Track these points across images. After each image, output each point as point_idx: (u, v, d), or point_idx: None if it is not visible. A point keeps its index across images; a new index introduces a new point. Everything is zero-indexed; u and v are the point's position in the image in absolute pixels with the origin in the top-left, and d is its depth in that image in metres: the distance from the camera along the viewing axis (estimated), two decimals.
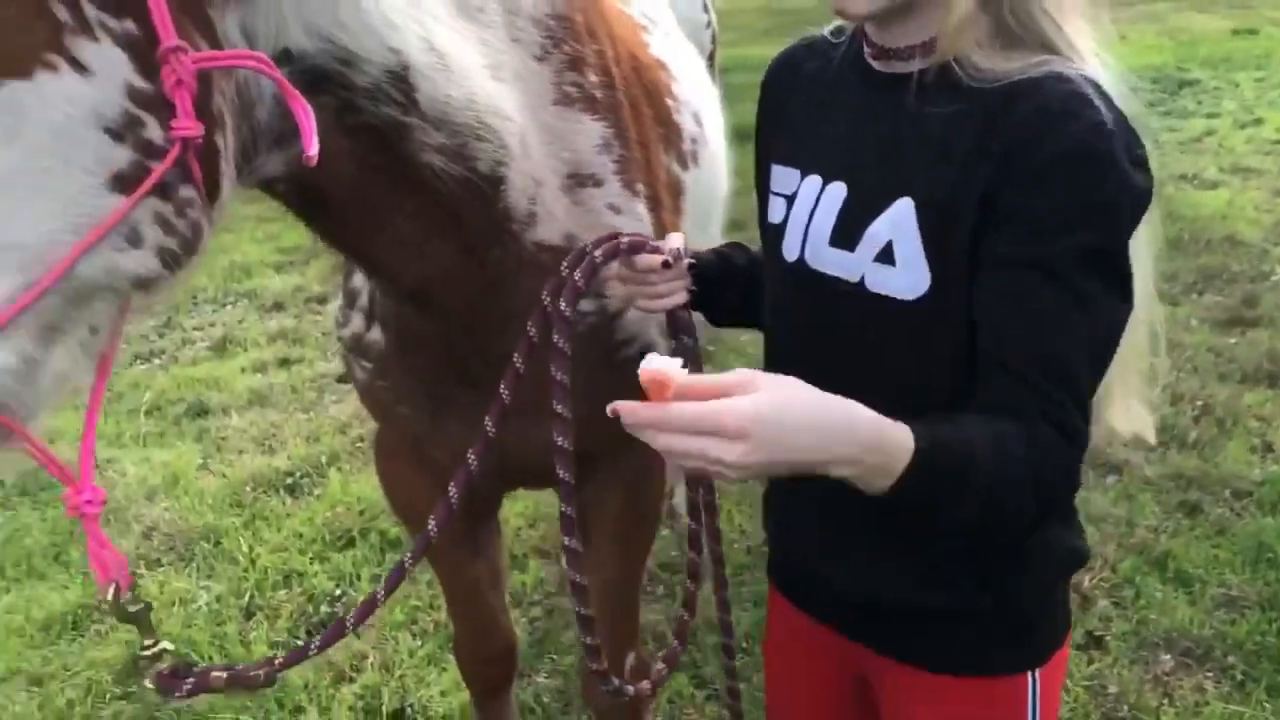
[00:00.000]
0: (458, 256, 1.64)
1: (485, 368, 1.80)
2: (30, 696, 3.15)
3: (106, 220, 1.09)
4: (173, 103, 1.11)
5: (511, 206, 1.67)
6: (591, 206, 1.83)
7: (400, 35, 1.42)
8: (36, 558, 3.87)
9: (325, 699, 3.08)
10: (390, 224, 1.55)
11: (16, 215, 1.05)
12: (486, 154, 1.58)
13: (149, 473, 4.42)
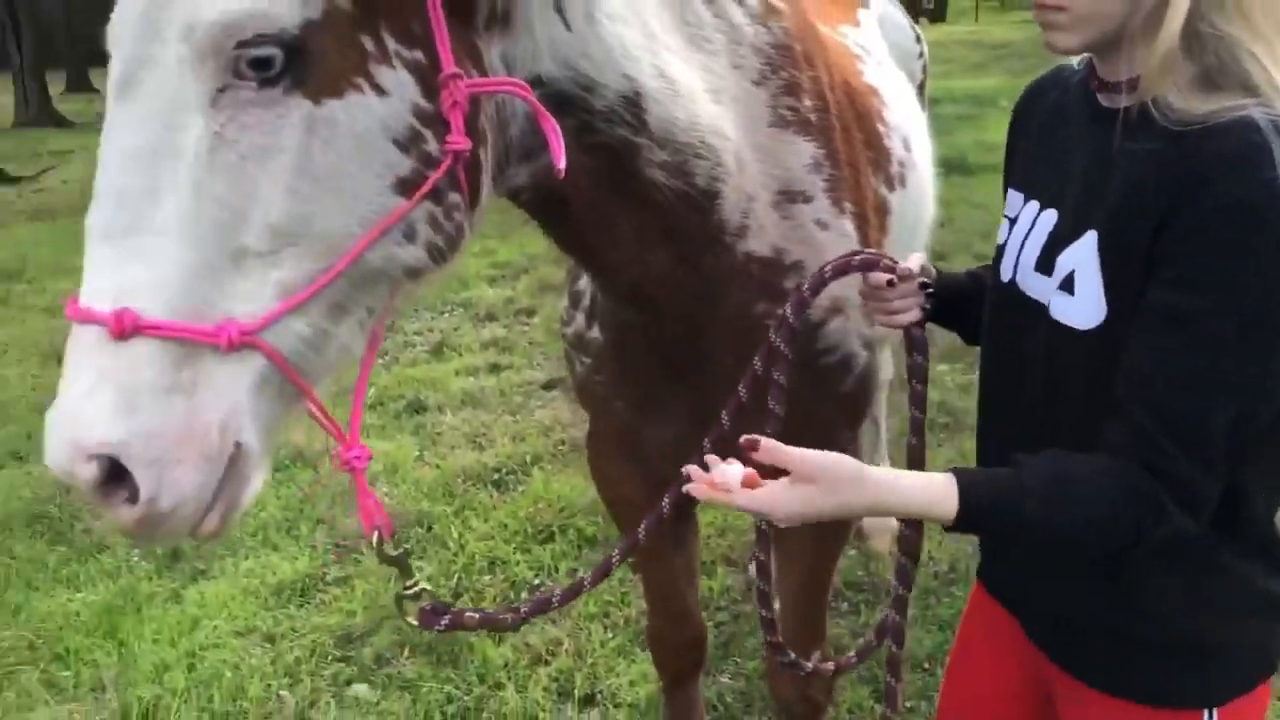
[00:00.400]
0: (672, 262, 1.80)
1: (692, 367, 1.95)
2: (264, 652, 3.49)
3: (390, 218, 1.30)
4: (448, 121, 1.33)
5: (725, 219, 1.82)
6: (800, 221, 1.95)
7: (636, 65, 1.61)
8: (271, 529, 4.27)
9: (522, 678, 3.29)
10: (614, 230, 1.72)
11: (323, 210, 1.26)
12: (704, 170, 1.74)
13: (371, 461, 4.78)
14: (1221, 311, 1.22)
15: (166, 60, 1.21)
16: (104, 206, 1.20)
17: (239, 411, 1.22)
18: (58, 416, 1.17)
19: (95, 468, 1.14)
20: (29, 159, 15.78)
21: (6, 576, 4.02)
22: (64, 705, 3.27)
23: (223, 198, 1.21)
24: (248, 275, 1.22)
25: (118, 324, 1.15)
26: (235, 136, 1.21)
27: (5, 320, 7.44)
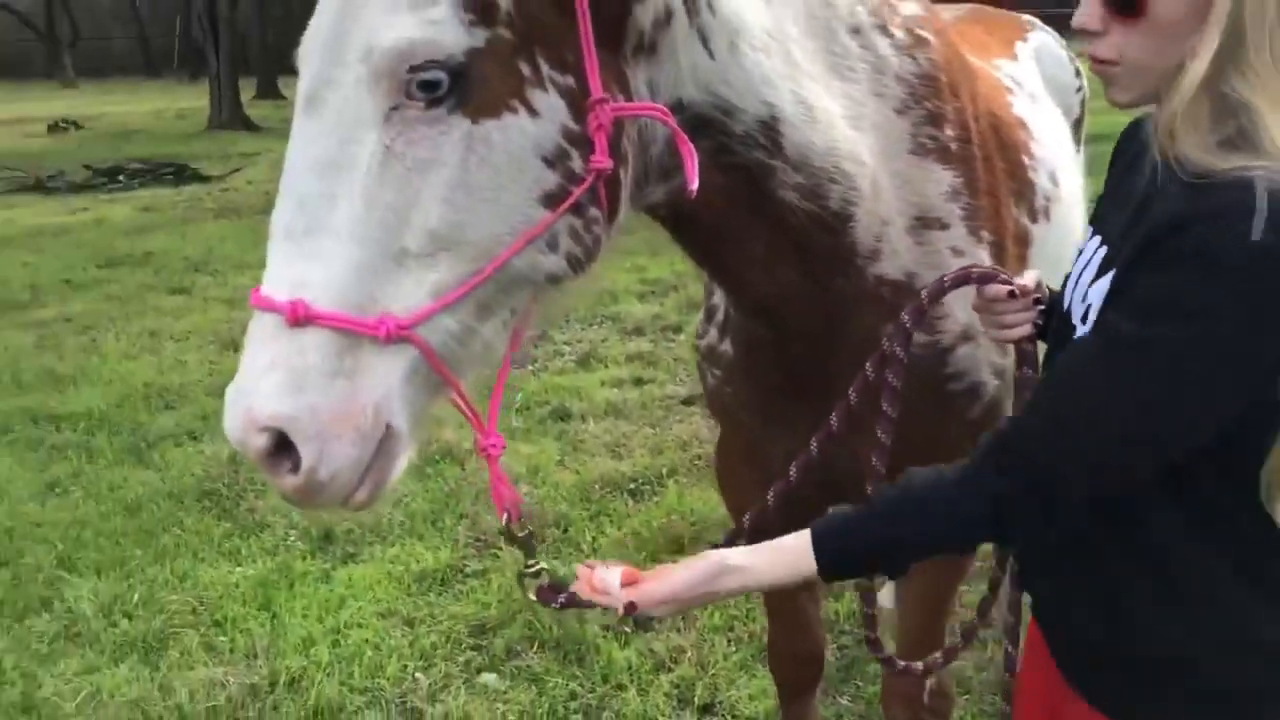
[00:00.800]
0: (801, 280, 1.86)
1: (817, 386, 2.00)
2: (403, 634, 3.68)
3: (536, 228, 1.43)
4: (593, 141, 1.45)
5: (857, 241, 1.88)
6: (934, 248, 1.99)
7: (775, 92, 1.69)
8: (418, 520, 4.48)
9: (644, 682, 3.38)
10: (745, 246, 1.80)
11: (476, 218, 1.39)
12: (837, 194, 1.81)
13: (514, 462, 4.96)
14: (1147, 344, 1.25)
15: (346, 80, 1.35)
16: (287, 208, 1.35)
17: (391, 397, 1.35)
18: (235, 392, 1.33)
19: (265, 439, 1.29)
20: (219, 160, 16.79)
21: (176, 546, 4.34)
22: (219, 667, 3.51)
23: (389, 205, 1.34)
24: (406, 275, 1.35)
25: (293, 312, 1.29)
26: (403, 150, 1.35)
27: (189, 309, 7.97)
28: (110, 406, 5.91)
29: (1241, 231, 1.18)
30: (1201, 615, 1.37)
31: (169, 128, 22.39)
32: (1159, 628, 1.40)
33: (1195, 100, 1.26)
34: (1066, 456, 1.30)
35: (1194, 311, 1.22)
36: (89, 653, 3.63)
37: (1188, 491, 1.34)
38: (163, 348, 7.03)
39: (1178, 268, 1.23)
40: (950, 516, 1.37)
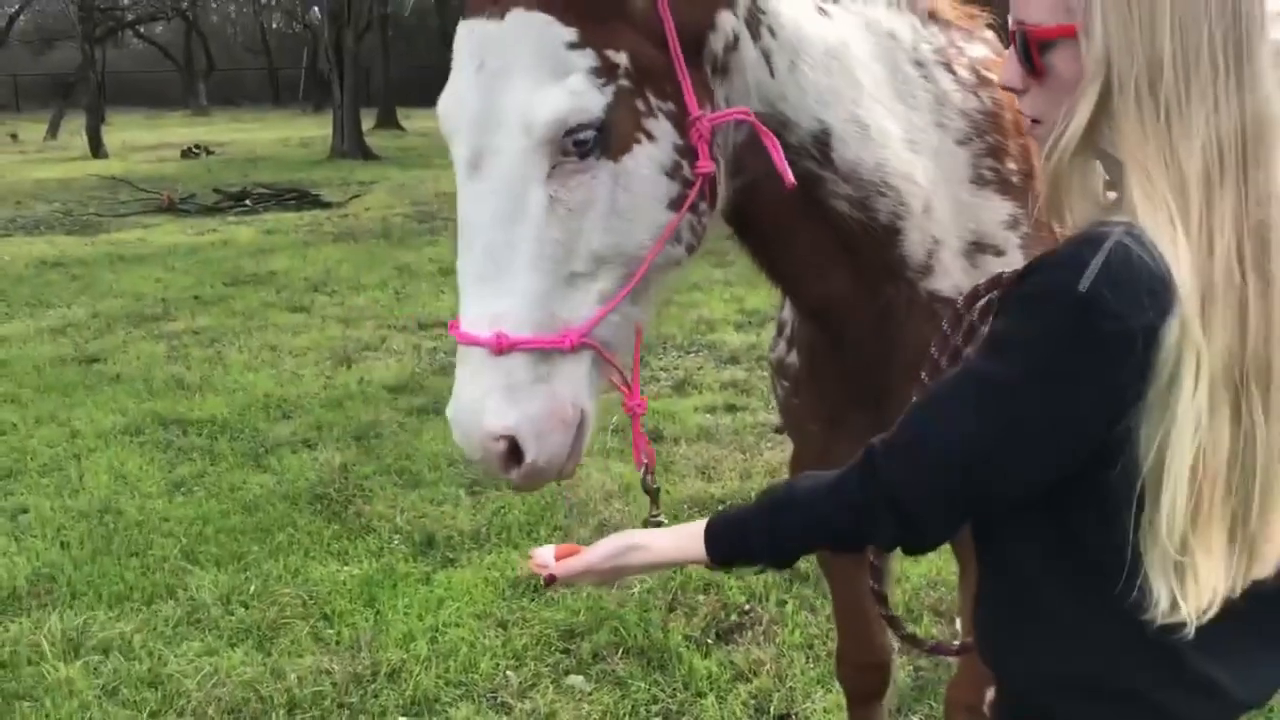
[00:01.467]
0: (851, 285, 2.05)
1: (876, 395, 2.16)
2: (496, 635, 3.88)
3: (667, 230, 1.73)
4: (696, 150, 1.73)
5: (906, 255, 2.04)
6: (989, 271, 2.10)
7: (827, 109, 1.91)
8: (514, 530, 4.69)
9: (723, 690, 3.52)
10: (797, 248, 2.00)
11: (624, 234, 1.69)
12: (885, 208, 1.98)
13: (607, 479, 5.16)
14: (981, 374, 1.33)
15: (510, 149, 1.62)
16: (475, 257, 1.65)
17: (581, 389, 1.68)
18: (462, 414, 1.64)
19: (502, 445, 1.62)
20: (339, 187, 17.51)
21: (289, 544, 4.63)
22: (326, 656, 3.76)
23: (558, 241, 1.64)
24: (577, 291, 1.67)
25: (498, 344, 1.60)
26: (564, 197, 1.65)
27: (307, 326, 8.39)
28: (233, 414, 6.29)
29: (1070, 281, 1.22)
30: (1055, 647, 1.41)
31: (293, 155, 23.39)
32: (1018, 655, 1.45)
33: (1076, 156, 1.31)
34: (913, 476, 1.37)
35: (1015, 352, 1.29)
36: (208, 637, 3.91)
37: (1046, 524, 1.38)
38: (282, 361, 7.43)
39: (1013, 310, 1.32)
40: (820, 520, 1.47)
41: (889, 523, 1.42)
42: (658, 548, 1.62)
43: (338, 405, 6.46)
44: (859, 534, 1.48)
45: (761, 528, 1.54)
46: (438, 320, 8.42)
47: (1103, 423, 1.27)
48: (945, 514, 1.41)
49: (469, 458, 1.68)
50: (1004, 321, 1.34)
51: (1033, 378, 1.29)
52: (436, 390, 6.66)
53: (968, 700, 2.48)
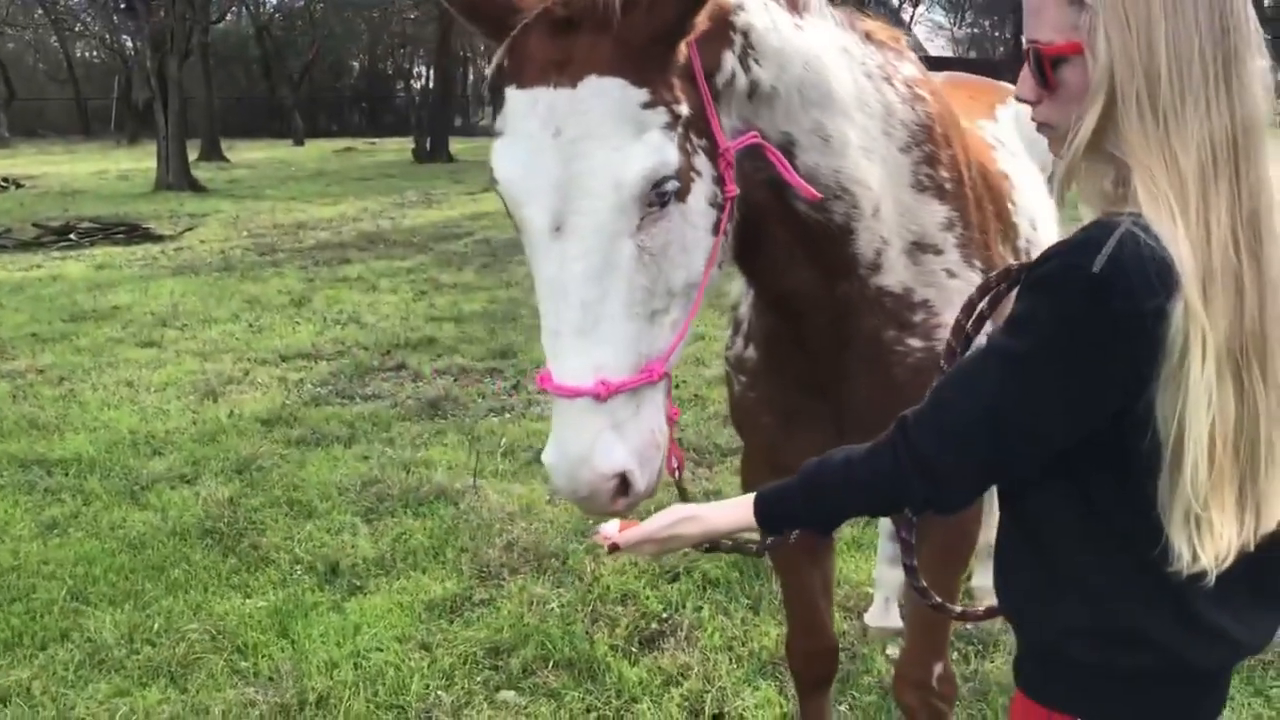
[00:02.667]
0: (815, 281, 2.23)
1: (832, 382, 2.36)
2: (421, 657, 3.86)
3: (714, 254, 1.88)
4: (724, 177, 1.88)
5: (858, 254, 2.23)
6: (929, 269, 2.35)
7: (794, 122, 2.08)
8: (419, 555, 4.67)
9: (656, 695, 3.60)
10: (767, 247, 2.16)
11: (689, 266, 1.84)
12: (841, 210, 2.17)
13: (507, 500, 5.18)
14: (1003, 350, 1.47)
15: (599, 208, 1.72)
16: (570, 313, 1.74)
17: (661, 414, 1.83)
18: (573, 460, 1.73)
19: (614, 483, 1.74)
20: (169, 220, 16.84)
21: (186, 580, 4.47)
22: (248, 688, 3.66)
23: (643, 286, 1.77)
24: (656, 327, 1.81)
25: (605, 391, 1.72)
26: (649, 244, 1.77)
27: (161, 361, 8.07)
28: (99, 452, 6.01)
29: (1083, 263, 1.36)
30: (1079, 603, 1.53)
31: (114, 188, 22.34)
32: (1042, 610, 1.58)
33: (1086, 157, 1.47)
34: (942, 442, 1.51)
35: (1033, 330, 1.42)
36: (116, 678, 3.75)
37: (1071, 490, 1.52)
38: (141, 397, 7.13)
39: (1032, 290, 1.45)
40: (857, 486, 1.62)
41: (920, 487, 1.57)
42: (710, 518, 1.75)
43: (211, 439, 6.25)
44: (893, 498, 1.62)
45: (804, 496, 1.67)
46: (299, 352, 8.25)
47: (1117, 395, 1.43)
48: (972, 477, 1.56)
49: (572, 497, 1.77)
50: (1022, 303, 1.49)
51: (1050, 353, 1.43)
52: (312, 421, 6.53)
53: (916, 677, 2.66)
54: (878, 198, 2.22)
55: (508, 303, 9.91)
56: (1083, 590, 1.56)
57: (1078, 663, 1.58)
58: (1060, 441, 1.49)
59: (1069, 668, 1.59)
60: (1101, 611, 1.55)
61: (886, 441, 1.60)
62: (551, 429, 1.79)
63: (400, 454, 5.91)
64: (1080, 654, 1.57)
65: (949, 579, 2.59)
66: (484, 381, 7.40)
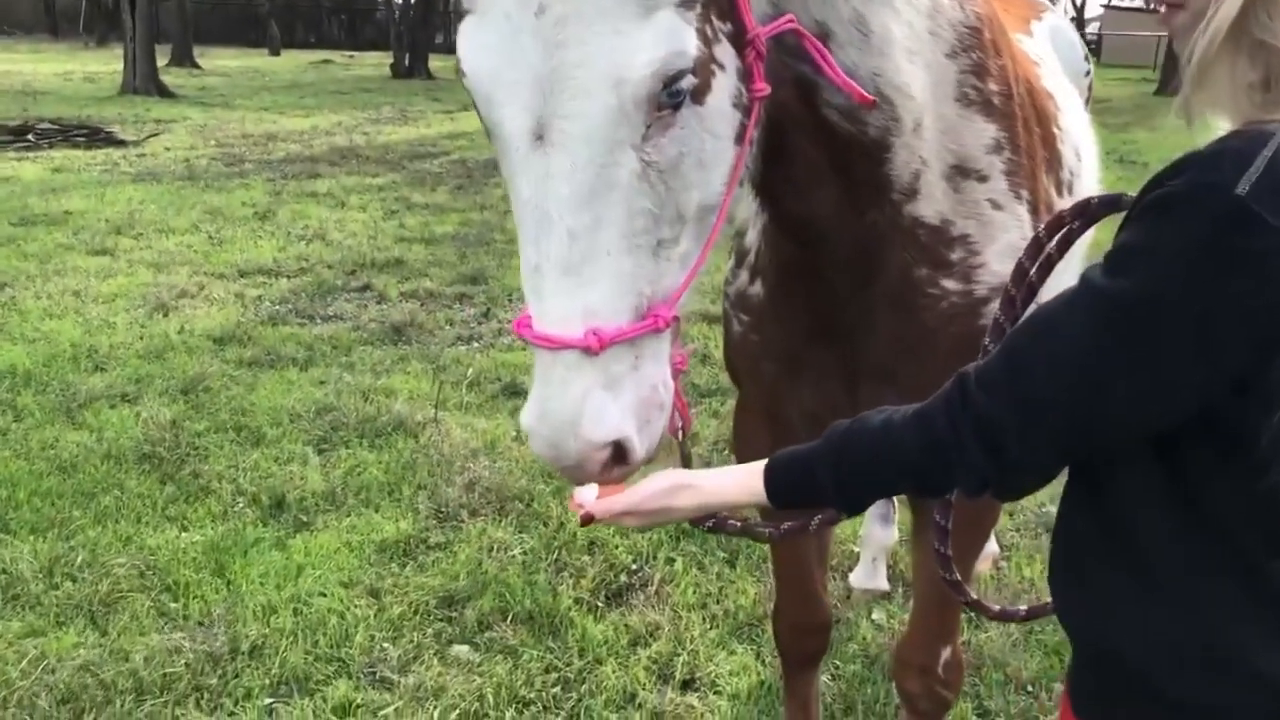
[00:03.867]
0: (839, 203, 1.87)
1: (849, 324, 2.02)
2: (368, 604, 3.54)
3: (737, 169, 1.51)
4: (751, 71, 1.49)
5: (893, 175, 1.88)
6: (971, 198, 2.00)
7: (829, 10, 1.70)
8: (373, 491, 4.33)
9: (622, 656, 3.31)
10: (788, 163, 1.80)
11: (705, 186, 1.47)
12: (877, 121, 1.81)
13: (470, 435, 4.85)
14: (1102, 293, 1.15)
15: (593, 111, 1.35)
16: (555, 244, 1.38)
17: (664, 365, 1.50)
18: (556, 426, 1.40)
19: (608, 452, 1.41)
20: (134, 125, 16.20)
21: (117, 508, 4.12)
22: (175, 633, 3.34)
23: (647, 211, 1.41)
24: (662, 261, 1.46)
25: (598, 343, 1.38)
26: (656, 158, 1.40)
27: (112, 271, 7.63)
28: (35, 365, 5.61)
29: (1223, 181, 1.07)
30: (1159, 609, 1.25)
31: (78, 90, 21.55)
32: (1120, 620, 1.28)
33: (1225, 47, 1.16)
34: (1013, 409, 1.21)
35: (1147, 266, 1.12)
36: (30, 615, 3.41)
37: (1163, 470, 1.22)
38: (87, 308, 6.71)
39: (1148, 214, 1.14)
40: (898, 459, 1.32)
41: (982, 462, 1.24)
42: (709, 487, 1.46)
43: (157, 356, 5.86)
44: (945, 475, 1.29)
45: (829, 466, 1.35)
46: (259, 267, 7.83)
47: (1247, 356, 1.11)
48: (1048, 454, 1.23)
49: (555, 466, 1.46)
50: (1134, 231, 1.16)
51: (1167, 296, 1.11)
52: (268, 341, 6.15)
53: (921, 661, 2.36)
54: (920, 109, 1.87)
55: (481, 226, 9.48)
56: (1180, 602, 1.24)
57: (1157, 691, 1.26)
58: (1168, 414, 1.17)
59: (1143, 695, 1.28)
60: (1202, 630, 1.24)
61: (941, 403, 1.27)
62: (532, 384, 1.45)
63: (359, 380, 5.55)
64: (1164, 680, 1.25)
65: (970, 558, 2.28)
66: (452, 307, 7.02)
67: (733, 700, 3.13)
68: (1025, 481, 1.27)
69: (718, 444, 4.76)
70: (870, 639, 3.45)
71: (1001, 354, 1.25)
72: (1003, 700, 3.14)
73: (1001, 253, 1.96)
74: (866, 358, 2.02)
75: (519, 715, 3.05)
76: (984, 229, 1.97)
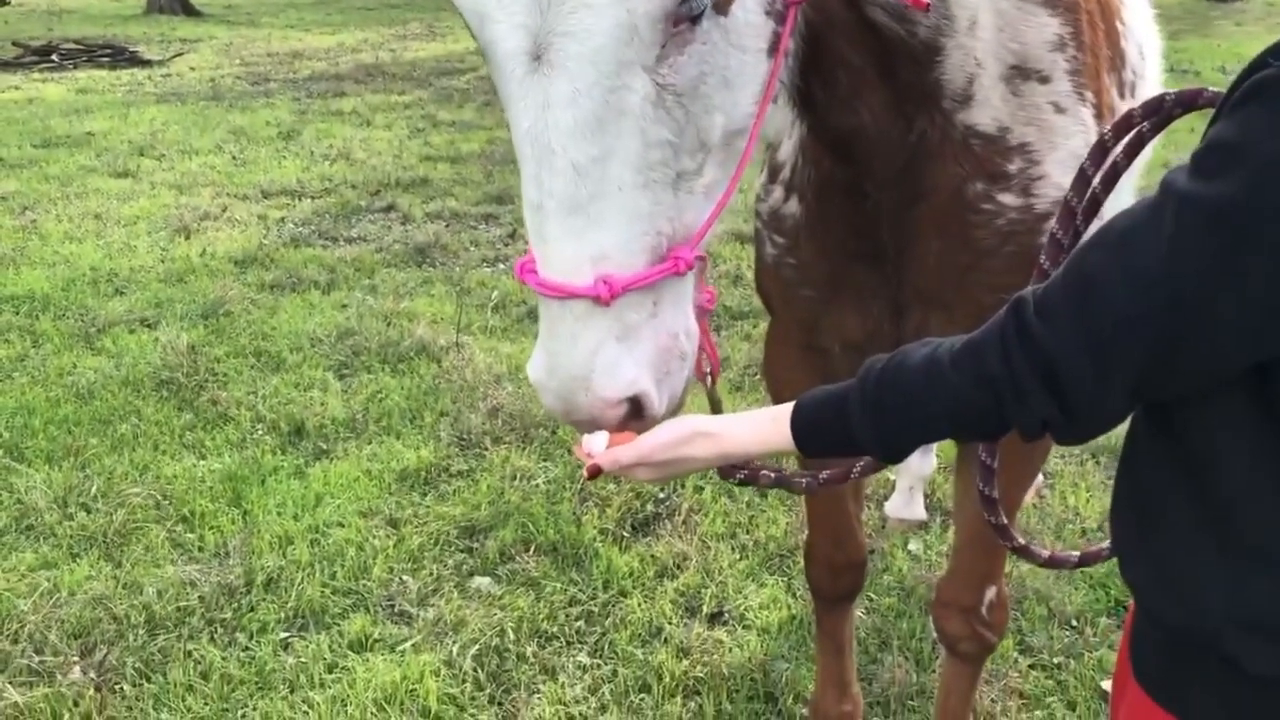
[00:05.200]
0: (885, 114, 1.69)
1: (894, 246, 1.84)
2: (387, 535, 3.44)
3: (769, 86, 1.35)
4: None
5: (945, 80, 1.69)
6: (1032, 101, 1.80)
7: None
8: (394, 418, 4.22)
9: (648, 588, 3.19)
10: (829, 69, 1.62)
11: (730, 107, 1.31)
12: (927, 21, 1.61)
13: (495, 361, 4.71)
14: (1191, 197, 0.97)
15: (600, 28, 1.19)
16: (559, 180, 1.23)
17: (688, 311, 1.37)
18: (566, 381, 1.28)
19: (623, 408, 1.29)
20: (159, 44, 15.98)
21: (134, 436, 4.04)
22: (190, 565, 3.26)
23: (665, 140, 1.26)
24: (684, 194, 1.31)
25: (609, 292, 1.24)
26: (673, 80, 1.24)
27: (134, 194, 7.51)
28: (55, 289, 5.53)
29: None
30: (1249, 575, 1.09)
31: (103, 8, 21.32)
32: (1199, 586, 1.12)
33: None
34: (1082, 337, 1.04)
35: (1240, 162, 0.94)
36: (44, 547, 3.35)
37: (1257, 411, 1.05)
38: (108, 231, 6.61)
39: (1249, 104, 0.96)
40: (946, 396, 1.15)
41: (1041, 405, 1.08)
42: (731, 435, 1.30)
43: (178, 280, 5.75)
44: (998, 415, 1.12)
45: (866, 410, 1.18)
46: (283, 188, 7.68)
47: None
48: (1121, 392, 1.06)
49: (567, 421, 1.34)
50: (1231, 123, 0.98)
51: (1269, 200, 0.93)
52: (290, 263, 6.03)
53: (964, 601, 2.22)
54: (975, 6, 1.67)
55: (508, 144, 9.12)
56: (1265, 564, 1.07)
57: (1242, 670, 1.10)
58: (1270, 345, 0.99)
59: (1227, 674, 1.12)
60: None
61: (995, 333, 1.10)
62: (539, 334, 1.32)
63: (382, 304, 5.41)
64: (1252, 658, 1.09)
65: (1017, 497, 2.12)
66: (478, 228, 6.85)
67: (762, 634, 3.02)
68: (1094, 424, 1.09)
69: (749, 368, 4.59)
70: (906, 571, 3.32)
71: (1067, 274, 1.07)
72: (1046, 636, 3.00)
73: (1064, 161, 1.77)
74: (914, 282, 1.84)
75: (541, 649, 2.95)
76: (1045, 136, 1.78)
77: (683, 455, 1.32)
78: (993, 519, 1.61)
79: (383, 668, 2.84)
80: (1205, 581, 1.10)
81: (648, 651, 2.95)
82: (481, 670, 2.84)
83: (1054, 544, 3.43)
